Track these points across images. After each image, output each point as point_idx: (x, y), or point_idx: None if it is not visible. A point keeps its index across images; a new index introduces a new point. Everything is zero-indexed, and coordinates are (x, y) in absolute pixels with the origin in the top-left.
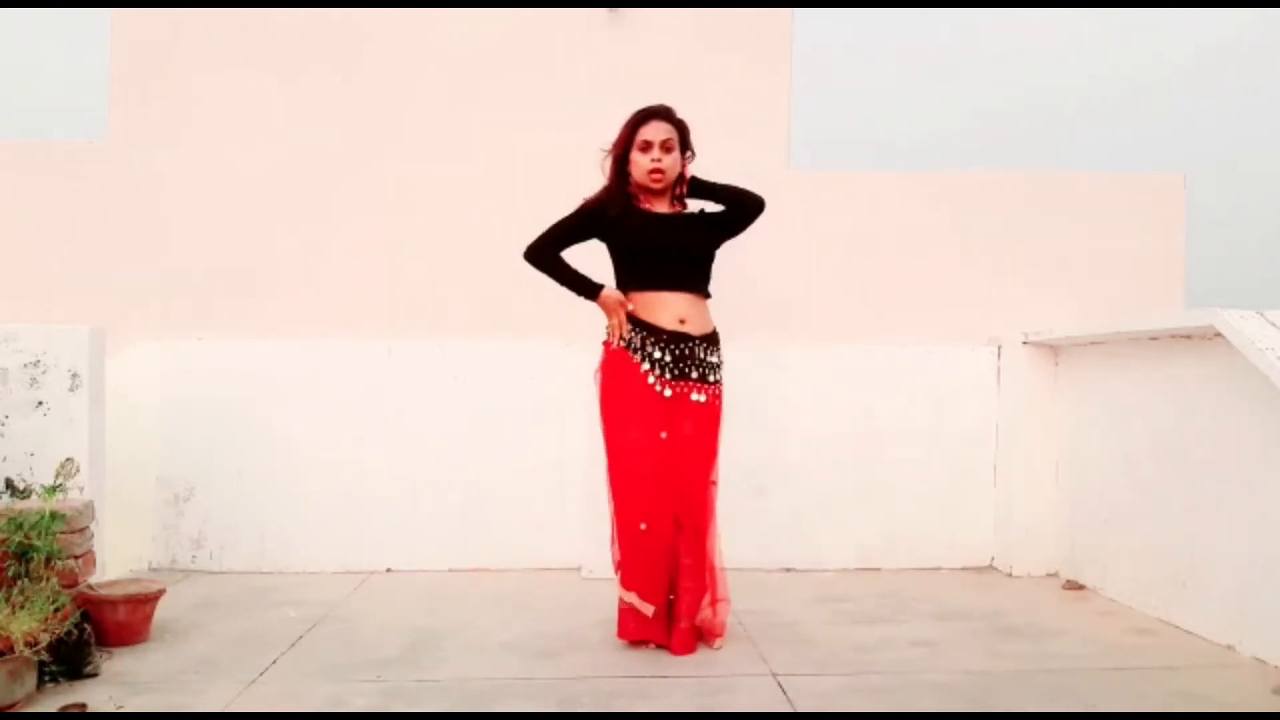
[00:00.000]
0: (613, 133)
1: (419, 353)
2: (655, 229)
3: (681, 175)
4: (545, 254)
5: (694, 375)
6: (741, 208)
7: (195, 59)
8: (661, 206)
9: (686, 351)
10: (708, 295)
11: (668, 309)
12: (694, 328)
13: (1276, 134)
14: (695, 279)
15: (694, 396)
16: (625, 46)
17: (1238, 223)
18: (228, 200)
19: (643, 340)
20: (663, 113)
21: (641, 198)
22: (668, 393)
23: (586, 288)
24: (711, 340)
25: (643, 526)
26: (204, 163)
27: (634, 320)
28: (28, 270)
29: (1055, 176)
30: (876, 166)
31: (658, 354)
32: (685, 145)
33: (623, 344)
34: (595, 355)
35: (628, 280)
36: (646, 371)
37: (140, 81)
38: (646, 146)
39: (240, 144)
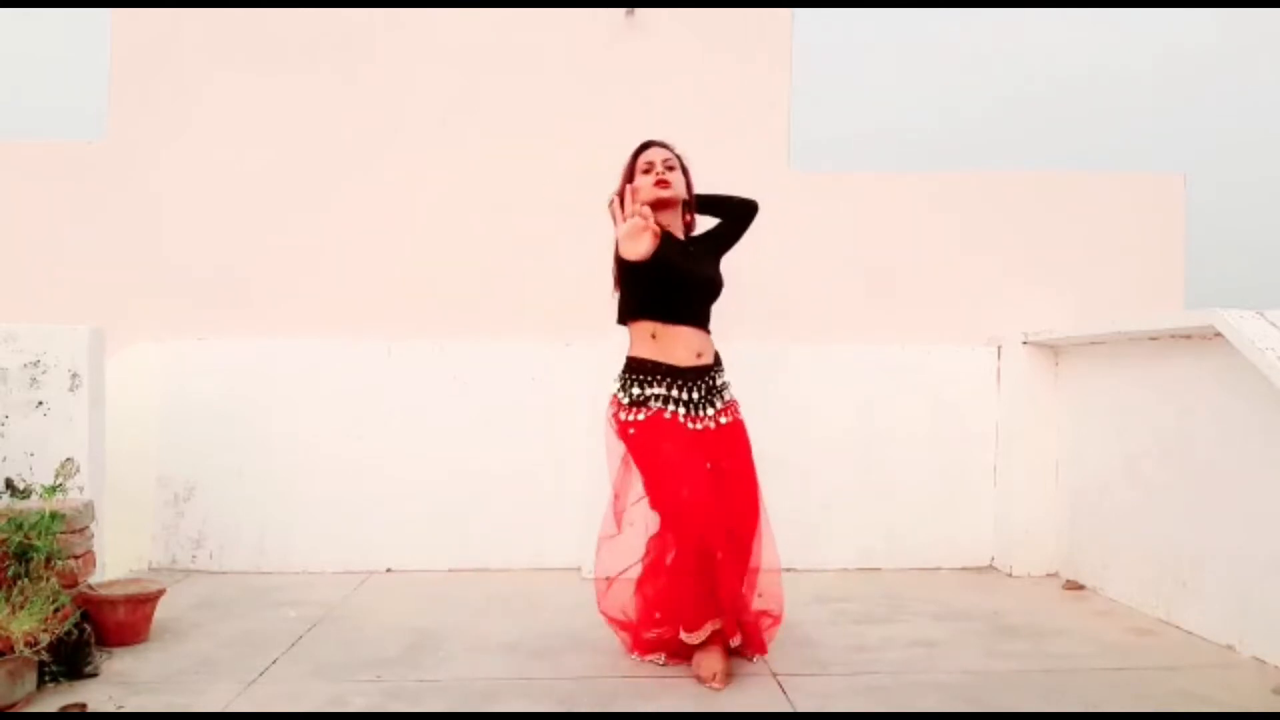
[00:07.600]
0: (610, 135)
1: (419, 353)
2: (681, 257)
3: (689, 201)
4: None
5: (717, 404)
6: (742, 220)
7: (195, 59)
8: (675, 230)
9: (708, 385)
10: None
11: (684, 344)
12: (708, 358)
13: (1276, 134)
14: (708, 315)
15: (722, 420)
16: (625, 49)
17: (1238, 223)
18: (228, 200)
19: (658, 382)
20: (660, 142)
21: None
22: (699, 426)
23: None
24: (719, 363)
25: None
26: (204, 163)
27: (644, 362)
28: (28, 270)
29: (1055, 176)
30: (876, 166)
31: (677, 393)
32: (685, 175)
33: (631, 395)
34: (595, 357)
35: (643, 309)
36: (673, 414)
37: (140, 81)
38: (649, 168)
39: (240, 144)
